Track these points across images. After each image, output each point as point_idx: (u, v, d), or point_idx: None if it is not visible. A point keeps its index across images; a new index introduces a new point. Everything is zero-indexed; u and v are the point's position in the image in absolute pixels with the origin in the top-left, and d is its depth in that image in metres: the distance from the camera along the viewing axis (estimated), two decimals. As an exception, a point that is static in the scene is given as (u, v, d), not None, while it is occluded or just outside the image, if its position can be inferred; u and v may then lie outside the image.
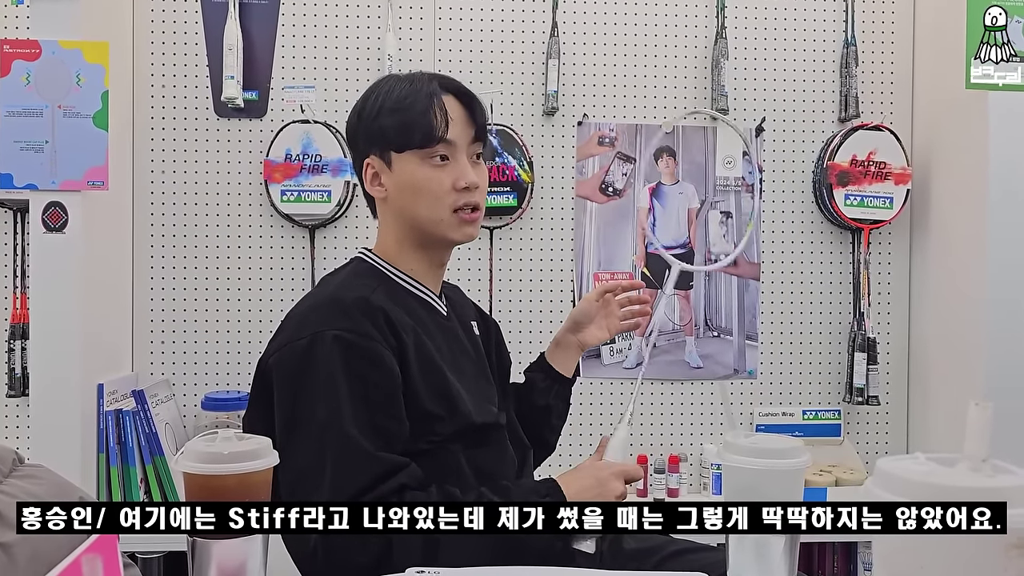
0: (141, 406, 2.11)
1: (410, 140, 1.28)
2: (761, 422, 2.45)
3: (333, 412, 1.17)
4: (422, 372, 1.25)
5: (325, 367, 1.19)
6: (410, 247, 1.35)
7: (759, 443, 0.91)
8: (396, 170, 1.31)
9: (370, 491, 1.15)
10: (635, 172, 2.46)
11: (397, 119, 1.28)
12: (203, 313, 2.37)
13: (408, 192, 1.30)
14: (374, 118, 1.31)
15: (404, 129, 1.28)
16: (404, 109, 1.28)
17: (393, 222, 1.35)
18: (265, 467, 0.88)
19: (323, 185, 2.31)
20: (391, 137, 1.29)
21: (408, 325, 1.26)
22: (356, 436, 1.17)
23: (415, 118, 1.28)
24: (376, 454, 1.17)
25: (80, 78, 1.96)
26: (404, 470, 1.19)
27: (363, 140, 1.34)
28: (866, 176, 2.39)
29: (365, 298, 1.23)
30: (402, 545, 1.14)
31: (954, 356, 2.27)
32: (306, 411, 1.19)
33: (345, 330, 1.20)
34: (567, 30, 2.43)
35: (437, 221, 1.30)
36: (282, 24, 2.39)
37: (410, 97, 1.29)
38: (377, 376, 1.20)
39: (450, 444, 1.26)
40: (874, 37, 2.51)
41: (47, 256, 1.97)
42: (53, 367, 1.97)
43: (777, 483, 0.90)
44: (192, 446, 0.87)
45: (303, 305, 1.30)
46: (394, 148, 1.30)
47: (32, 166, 1.96)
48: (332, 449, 1.16)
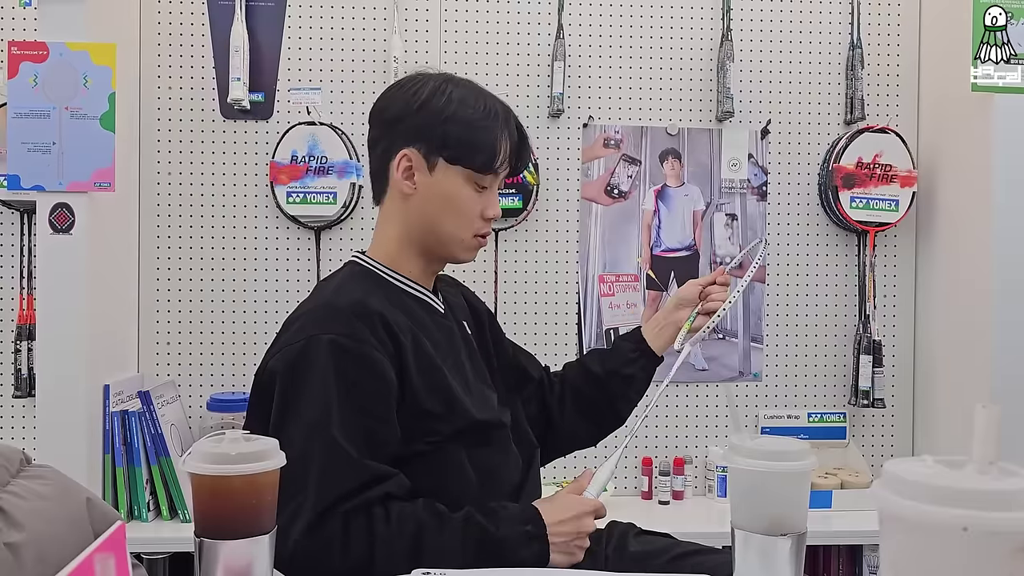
0: (147, 407, 2.11)
1: (469, 160, 1.29)
2: (766, 424, 2.45)
3: (323, 415, 1.17)
4: (420, 371, 1.25)
5: (318, 370, 1.19)
6: (412, 251, 1.35)
7: (765, 445, 0.91)
8: (438, 177, 1.30)
9: (354, 497, 1.15)
10: (640, 174, 2.46)
11: (466, 134, 1.28)
12: (209, 314, 2.38)
13: (440, 201, 1.30)
14: (440, 119, 1.28)
15: (469, 147, 1.28)
16: (477, 129, 1.29)
17: (402, 220, 1.34)
18: (272, 468, 0.88)
19: (329, 187, 2.32)
20: (451, 146, 1.28)
21: (406, 326, 1.26)
22: (342, 442, 1.16)
23: (484, 143, 1.29)
24: (362, 461, 1.17)
25: (87, 80, 1.97)
26: (391, 479, 1.19)
27: (411, 130, 1.30)
28: (872, 179, 2.39)
29: (361, 302, 1.23)
30: (385, 554, 1.14)
31: (960, 359, 2.27)
32: (296, 411, 1.19)
33: (340, 335, 1.20)
34: (573, 32, 2.44)
35: (457, 240, 1.33)
36: (288, 26, 2.40)
37: (485, 121, 1.29)
38: (370, 381, 1.20)
39: (451, 443, 1.26)
40: (880, 39, 2.51)
41: (54, 257, 1.97)
42: (59, 368, 1.97)
43: (783, 485, 0.90)
44: (199, 447, 0.87)
45: (299, 310, 1.30)
46: (447, 157, 1.29)
47: (39, 167, 1.96)
48: (318, 452, 1.16)
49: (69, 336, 1.97)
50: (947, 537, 0.57)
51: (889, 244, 2.50)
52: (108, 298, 2.15)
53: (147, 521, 2.11)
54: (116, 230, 2.22)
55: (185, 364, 2.38)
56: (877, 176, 2.39)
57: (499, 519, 1.21)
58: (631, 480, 2.44)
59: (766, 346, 2.49)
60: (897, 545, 0.61)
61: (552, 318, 2.44)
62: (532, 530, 1.21)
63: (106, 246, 2.12)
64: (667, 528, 1.51)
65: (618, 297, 2.45)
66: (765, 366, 2.49)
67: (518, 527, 1.21)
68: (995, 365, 2.07)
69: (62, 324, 1.97)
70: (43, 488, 0.91)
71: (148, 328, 2.37)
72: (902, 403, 2.50)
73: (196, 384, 2.38)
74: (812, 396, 2.50)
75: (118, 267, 2.25)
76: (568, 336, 2.45)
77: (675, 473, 2.36)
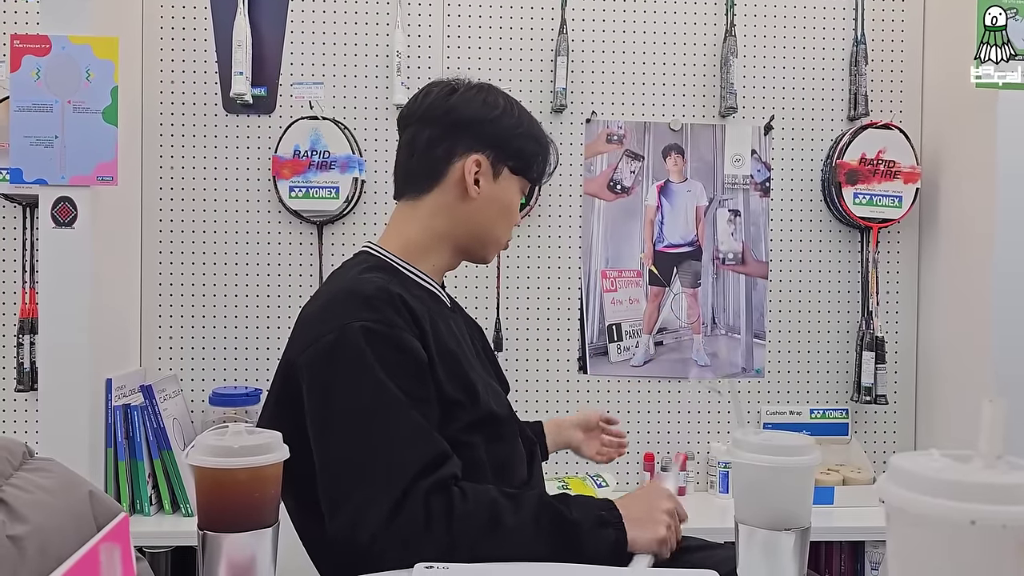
0: (149, 401, 2.11)
1: (530, 171, 1.40)
2: (768, 421, 2.45)
3: (377, 397, 1.15)
4: (441, 358, 1.24)
5: (358, 357, 1.16)
6: (445, 247, 1.37)
7: (769, 440, 0.91)
8: (502, 184, 1.37)
9: (430, 474, 1.13)
10: (643, 170, 2.46)
11: (534, 149, 1.39)
12: (211, 309, 2.38)
13: (498, 207, 1.37)
14: (515, 132, 1.37)
15: (533, 159, 1.39)
16: (542, 145, 1.42)
17: (448, 219, 1.35)
18: (276, 461, 0.88)
19: (331, 181, 2.32)
20: (522, 157, 1.38)
21: (425, 313, 1.26)
22: (405, 421, 1.15)
23: (542, 158, 1.42)
24: (432, 435, 1.16)
25: (90, 73, 1.97)
26: (453, 458, 1.18)
27: (486, 137, 1.34)
28: (875, 175, 2.38)
29: (384, 287, 1.23)
30: (464, 531, 1.11)
31: (963, 355, 2.27)
32: (345, 402, 1.16)
33: (371, 320, 1.18)
34: (576, 27, 2.43)
35: (500, 243, 1.42)
36: (291, 20, 2.39)
37: (544, 140, 1.43)
38: (408, 362, 1.19)
39: (471, 437, 1.25)
40: (884, 35, 2.50)
41: (56, 251, 1.97)
42: (62, 362, 1.97)
43: (787, 480, 0.90)
44: (203, 440, 0.87)
45: (320, 300, 1.28)
46: (512, 167, 1.37)
47: (42, 161, 1.96)
48: (384, 432, 1.14)
49: (71, 330, 1.97)
50: (954, 531, 0.56)
51: (892, 240, 2.50)
52: (110, 292, 2.15)
53: (149, 515, 2.11)
54: (118, 224, 2.22)
55: (187, 358, 2.38)
56: (880, 172, 2.38)
57: (571, 503, 1.20)
58: (632, 476, 2.45)
59: (768, 342, 2.49)
60: (904, 539, 0.60)
61: (555, 314, 2.44)
62: (606, 515, 1.19)
63: (108, 240, 2.12)
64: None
65: (620, 293, 2.45)
66: (767, 362, 2.49)
67: (592, 511, 1.19)
68: (997, 361, 2.07)
69: (64, 318, 1.97)
70: (46, 481, 0.91)
71: (150, 322, 2.37)
72: (904, 399, 2.50)
73: (198, 378, 2.38)
74: (814, 392, 2.50)
75: (120, 261, 2.25)
76: (571, 332, 2.44)
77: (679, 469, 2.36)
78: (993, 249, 2.09)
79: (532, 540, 1.13)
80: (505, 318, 2.41)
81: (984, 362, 2.12)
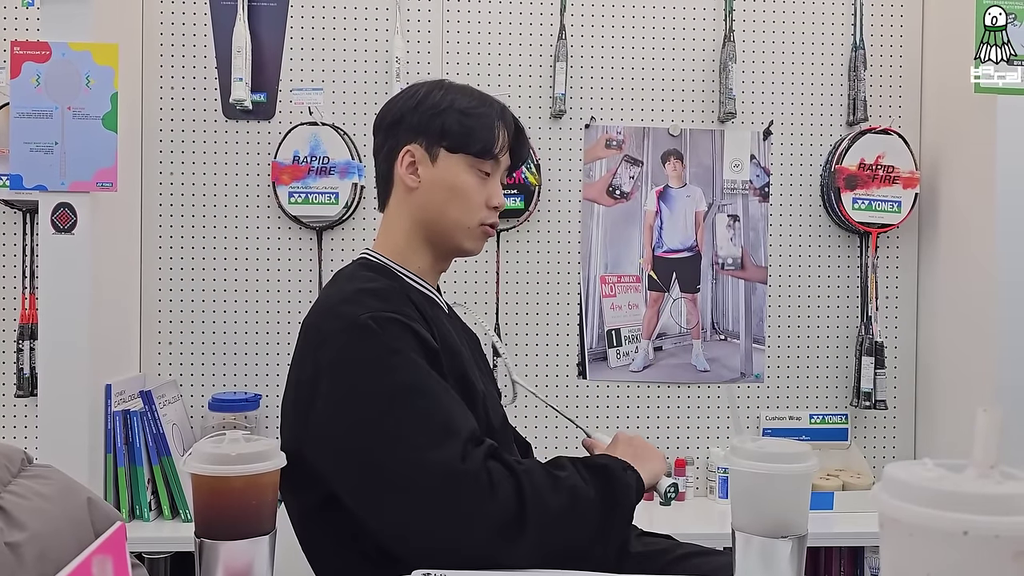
0: (148, 407, 2.11)
1: (469, 146, 1.33)
2: (768, 426, 2.45)
3: (408, 376, 1.15)
4: (446, 354, 1.24)
5: (378, 343, 1.15)
6: (420, 244, 1.36)
7: (766, 447, 0.91)
8: (441, 167, 1.33)
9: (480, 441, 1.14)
10: (642, 175, 2.46)
11: (464, 122, 1.33)
12: (211, 314, 2.38)
13: (445, 190, 1.33)
14: (437, 112, 1.33)
15: (468, 133, 1.33)
16: (474, 116, 1.34)
17: (409, 215, 1.35)
18: (273, 468, 0.88)
19: (331, 187, 2.32)
20: (451, 135, 1.32)
21: (427, 311, 1.27)
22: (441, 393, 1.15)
23: (482, 128, 1.34)
24: (465, 410, 1.18)
25: (90, 80, 1.97)
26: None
27: (412, 127, 1.34)
28: (874, 180, 2.39)
29: (387, 286, 1.25)
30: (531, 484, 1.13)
31: (962, 361, 2.26)
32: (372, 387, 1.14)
33: (384, 310, 1.18)
34: (575, 33, 2.43)
35: (463, 227, 1.34)
36: (290, 27, 2.40)
37: (481, 108, 1.35)
38: (426, 347, 1.19)
39: None
40: (883, 40, 2.50)
41: (56, 257, 1.97)
42: (61, 367, 1.97)
43: (784, 487, 0.90)
44: (200, 447, 0.87)
45: (327, 303, 1.25)
46: (447, 146, 1.33)
47: (41, 167, 1.96)
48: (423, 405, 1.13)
49: (71, 336, 1.97)
50: (947, 541, 0.56)
51: (891, 245, 2.50)
52: (110, 298, 2.15)
53: (148, 521, 2.11)
54: (118, 230, 2.22)
55: (187, 364, 2.38)
56: (879, 177, 2.39)
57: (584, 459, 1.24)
58: (632, 481, 2.44)
59: (768, 347, 2.49)
60: (897, 548, 0.60)
61: (554, 319, 2.44)
62: (620, 461, 1.25)
63: (108, 246, 2.12)
64: (668, 529, 1.51)
65: (620, 298, 2.45)
66: (767, 367, 2.49)
67: (606, 459, 1.25)
68: (998, 367, 2.07)
69: (64, 324, 1.97)
70: (44, 488, 0.91)
71: (150, 328, 2.37)
72: (904, 405, 2.50)
73: (198, 384, 2.38)
74: (814, 398, 2.50)
75: (120, 267, 2.26)
76: (570, 337, 2.44)
77: (676, 474, 2.36)
78: (993, 254, 2.09)
79: (585, 487, 1.16)
80: (504, 323, 2.41)
81: (984, 367, 2.12)
